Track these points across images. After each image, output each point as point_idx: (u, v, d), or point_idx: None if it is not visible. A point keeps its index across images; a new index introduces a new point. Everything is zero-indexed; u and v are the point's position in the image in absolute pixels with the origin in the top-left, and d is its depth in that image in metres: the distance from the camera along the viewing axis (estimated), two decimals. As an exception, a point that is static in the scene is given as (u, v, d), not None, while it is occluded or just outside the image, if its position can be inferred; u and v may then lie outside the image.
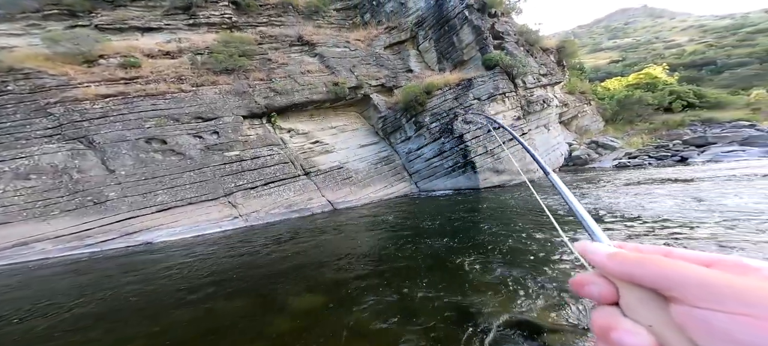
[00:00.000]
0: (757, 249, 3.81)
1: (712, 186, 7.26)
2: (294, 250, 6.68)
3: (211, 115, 11.59)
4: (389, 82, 15.57)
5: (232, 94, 12.27)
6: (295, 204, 11.39)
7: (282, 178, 11.61)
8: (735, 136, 16.28)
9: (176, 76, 12.01)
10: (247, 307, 3.93)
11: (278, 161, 11.81)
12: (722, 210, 5.44)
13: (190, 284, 5.13)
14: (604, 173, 12.57)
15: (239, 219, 10.46)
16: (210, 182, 10.59)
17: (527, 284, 3.50)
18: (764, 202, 5.59)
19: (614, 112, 24.68)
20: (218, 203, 10.47)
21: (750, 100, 27.70)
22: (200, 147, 10.97)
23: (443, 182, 13.40)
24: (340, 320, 3.22)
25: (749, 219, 4.82)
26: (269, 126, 12.61)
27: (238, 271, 5.62)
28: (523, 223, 6.46)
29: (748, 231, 4.37)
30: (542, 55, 17.92)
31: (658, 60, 38.67)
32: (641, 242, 3.41)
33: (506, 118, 13.99)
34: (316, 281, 4.57)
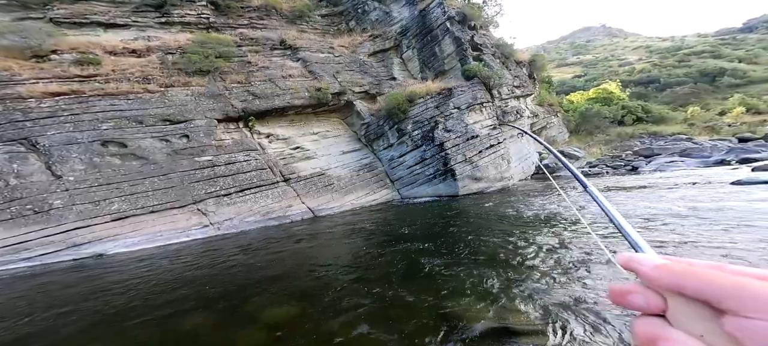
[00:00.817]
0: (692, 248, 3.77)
1: (655, 193, 7.28)
2: (269, 258, 5.79)
3: (181, 117, 10.02)
4: (373, 89, 14.54)
5: (205, 96, 10.74)
6: (273, 211, 10.03)
7: (259, 184, 10.21)
8: (675, 148, 16.80)
9: (142, 75, 10.32)
10: (216, 320, 3.42)
11: (255, 167, 10.40)
12: (664, 215, 5.40)
13: (149, 298, 4.29)
14: (570, 181, 12.41)
15: (210, 227, 8.96)
16: (177, 189, 9.03)
17: (505, 288, 3.33)
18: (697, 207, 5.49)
19: (577, 123, 25.05)
20: (186, 210, 8.92)
21: (687, 116, 29.16)
22: (167, 151, 9.38)
23: (425, 188, 12.50)
24: (316, 330, 2.90)
25: (686, 222, 4.76)
26: (246, 130, 11.16)
27: (206, 281, 4.82)
28: (500, 228, 6.03)
29: (686, 231, 4.36)
30: (516, 68, 17.62)
31: (613, 76, 40.24)
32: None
33: (483, 128, 13.40)
34: (292, 290, 4.04)
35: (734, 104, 29.69)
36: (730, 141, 17.79)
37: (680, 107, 32.91)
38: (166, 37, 12.08)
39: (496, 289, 3.31)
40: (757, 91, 34.11)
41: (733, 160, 11.43)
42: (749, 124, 24.83)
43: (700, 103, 33.77)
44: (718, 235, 4.03)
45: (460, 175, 11.97)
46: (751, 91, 33.86)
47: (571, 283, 3.27)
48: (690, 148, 15.86)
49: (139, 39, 11.72)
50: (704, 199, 5.84)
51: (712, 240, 3.89)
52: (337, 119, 13.78)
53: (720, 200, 5.45)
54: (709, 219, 4.61)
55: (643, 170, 12.78)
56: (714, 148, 15.09)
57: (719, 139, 19.08)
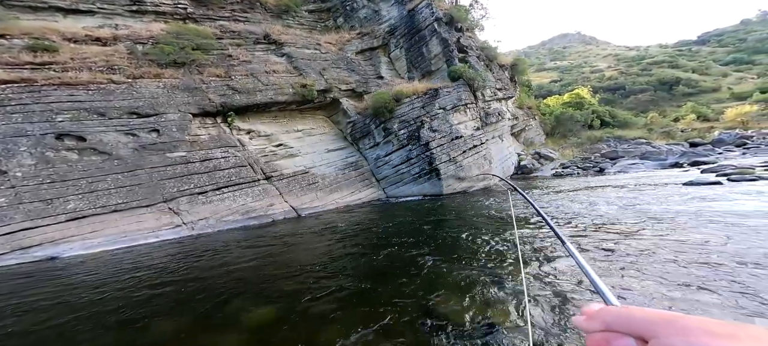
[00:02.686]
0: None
1: (617, 192, 7.23)
2: (249, 259, 5.15)
3: (151, 110, 8.74)
4: (359, 87, 13.59)
5: (180, 89, 9.47)
6: (254, 210, 8.98)
7: (238, 182, 9.12)
8: (636, 151, 17.14)
9: (107, 65, 8.92)
10: (188, 326, 3.01)
11: (234, 164, 9.29)
12: (624, 211, 5.45)
13: (110, 304, 3.68)
14: (545, 180, 12.36)
15: (183, 227, 7.85)
16: (145, 186, 7.82)
17: (487, 284, 3.19)
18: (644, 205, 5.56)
19: (552, 126, 24.96)
20: (155, 209, 7.74)
21: (647, 122, 29.89)
22: (133, 146, 8.13)
23: (410, 188, 11.76)
24: (297, 333, 2.61)
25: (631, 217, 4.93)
26: (225, 126, 9.97)
27: (176, 285, 4.18)
28: (482, 227, 5.72)
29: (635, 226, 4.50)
30: (499, 71, 17.11)
31: (585, 82, 40.76)
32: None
33: (467, 128, 12.81)
34: (272, 292, 3.65)
35: (687, 112, 30.69)
36: (683, 145, 17.96)
37: (641, 113, 33.71)
38: (136, 27, 10.63)
39: (479, 286, 3.14)
40: (706, 99, 35.47)
41: (685, 163, 11.57)
42: (699, 130, 25.61)
43: (658, 109, 34.74)
44: (677, 230, 4.12)
45: (444, 174, 11.33)
46: (701, 100, 35.17)
47: (546, 278, 3.15)
48: (649, 151, 16.07)
49: (105, 27, 10.23)
50: (657, 198, 5.92)
51: (668, 234, 4.01)
52: (322, 117, 12.75)
53: (667, 198, 5.63)
54: (667, 216, 4.72)
55: (608, 171, 12.79)
56: (669, 152, 15.31)
57: (674, 144, 19.41)
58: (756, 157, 10.83)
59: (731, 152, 13.26)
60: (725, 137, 17.76)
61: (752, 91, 33.40)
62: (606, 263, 3.39)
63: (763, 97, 30.15)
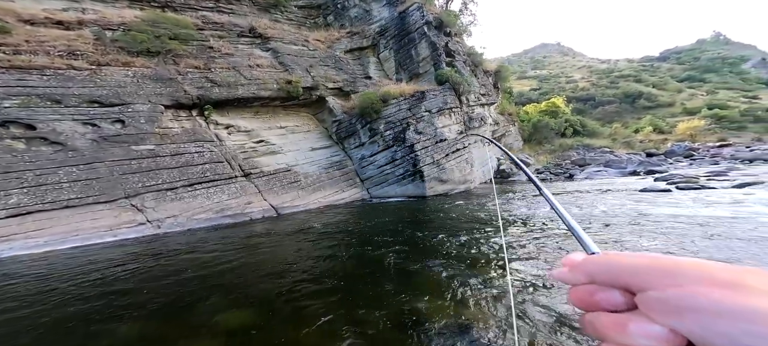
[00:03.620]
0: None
1: (581, 196, 7.28)
2: (222, 259, 4.55)
3: (116, 100, 7.53)
4: (347, 86, 12.65)
5: (151, 79, 8.26)
6: (230, 208, 7.98)
7: (213, 179, 8.08)
8: (601, 159, 17.32)
9: (68, 50, 7.62)
10: (154, 331, 2.53)
11: (209, 160, 8.23)
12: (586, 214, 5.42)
13: (54, 311, 3.05)
14: (521, 185, 12.26)
15: (148, 226, 6.77)
16: (103, 181, 6.68)
17: (465, 285, 2.91)
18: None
19: (530, 133, 24.82)
20: (115, 206, 6.62)
21: (611, 132, 30.42)
22: (92, 137, 6.94)
23: (394, 189, 11.03)
24: (273, 337, 2.28)
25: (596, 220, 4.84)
26: (201, 120, 8.84)
27: (138, 287, 3.61)
28: (463, 228, 5.40)
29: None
30: (484, 77, 16.58)
31: (561, 92, 41.11)
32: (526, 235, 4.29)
33: (451, 132, 12.21)
34: (248, 294, 3.24)
35: (645, 124, 31.50)
36: (640, 155, 18.17)
37: (607, 123, 34.33)
38: (107, 12, 9.26)
39: (457, 287, 2.92)
40: (662, 113, 36.51)
41: (641, 171, 11.69)
42: (655, 142, 26.29)
43: (621, 121, 35.53)
44: (627, 231, 4.09)
45: (427, 176, 10.67)
46: (658, 113, 36.18)
47: (526, 280, 2.99)
48: (612, 160, 16.30)
49: (69, 10, 8.83)
50: (617, 203, 5.99)
51: (621, 236, 3.99)
52: (307, 115, 11.75)
53: (623, 204, 5.66)
54: (620, 218, 4.75)
55: (577, 177, 12.84)
56: (629, 160, 15.53)
57: (633, 153, 19.60)
58: (700, 167, 11.11)
59: (680, 163, 13.65)
60: (676, 149, 18.24)
61: (701, 107, 34.75)
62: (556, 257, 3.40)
63: (710, 113, 31.41)
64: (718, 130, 27.85)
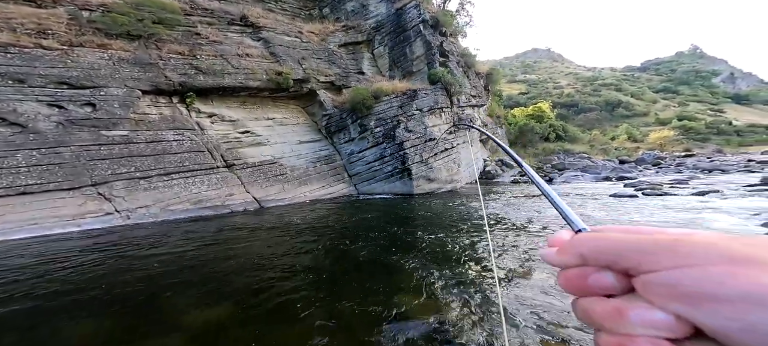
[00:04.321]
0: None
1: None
2: (195, 253, 4.10)
3: (87, 82, 6.67)
4: (339, 80, 11.91)
5: (129, 63, 7.38)
6: (209, 200, 7.30)
7: (192, 168, 7.35)
8: (579, 164, 17.28)
9: (38, 28, 6.70)
10: (118, 328, 2.19)
11: (189, 149, 7.48)
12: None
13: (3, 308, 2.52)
14: (504, 186, 12.09)
15: (116, 216, 6.05)
16: (68, 166, 5.90)
17: (448, 286, 2.66)
18: None
19: (516, 136, 24.50)
20: (79, 194, 5.85)
21: (590, 138, 30.44)
22: (58, 119, 6.12)
23: (382, 186, 10.49)
24: (249, 334, 2.02)
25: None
26: (182, 107, 8.03)
27: (98, 281, 3.11)
28: (448, 227, 5.08)
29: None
30: (475, 78, 16.01)
31: (547, 97, 40.74)
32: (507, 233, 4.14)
33: (440, 131, 11.71)
34: (223, 290, 2.83)
35: (622, 132, 31.70)
36: (614, 162, 18.14)
37: (588, 130, 34.41)
38: (85, -14, 8.25)
39: (440, 287, 2.72)
40: (637, 122, 36.84)
41: (613, 177, 11.71)
42: (628, 150, 26.53)
43: (600, 128, 35.66)
44: None
45: (415, 174, 10.16)
46: (634, 122, 36.43)
47: (510, 275, 2.86)
48: (588, 165, 16.27)
49: (42, -19, 7.79)
50: (588, 206, 5.97)
51: None
52: (297, 107, 11.00)
53: (594, 208, 5.61)
54: (593, 220, 4.69)
55: (556, 181, 12.79)
56: (603, 166, 15.52)
57: (608, 160, 19.52)
58: (666, 175, 11.21)
59: (649, 170, 13.81)
60: (646, 157, 18.41)
61: (672, 118, 35.19)
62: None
63: (679, 125, 31.83)
64: (684, 140, 28.39)
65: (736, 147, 25.83)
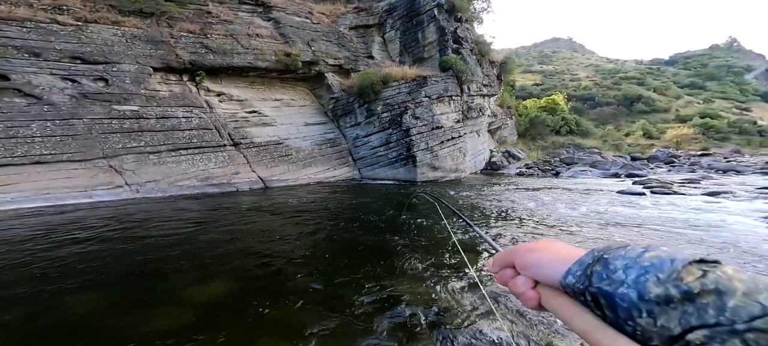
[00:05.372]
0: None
1: (559, 195, 6.56)
2: (201, 230, 3.81)
3: (101, 58, 6.29)
4: (348, 64, 10.94)
5: (141, 40, 6.90)
6: (215, 177, 6.96)
7: (200, 145, 6.99)
8: (589, 159, 15.71)
9: (53, 4, 6.29)
10: (123, 299, 2.06)
11: (197, 126, 7.08)
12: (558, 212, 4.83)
13: (8, 273, 2.37)
14: (508, 178, 11.23)
15: (126, 189, 5.85)
16: (80, 138, 5.67)
17: (447, 273, 2.44)
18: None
19: (526, 128, 22.47)
20: (91, 166, 5.66)
21: (604, 134, 27.41)
22: (72, 93, 5.82)
23: (385, 171, 9.76)
24: (248, 312, 1.86)
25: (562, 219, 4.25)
26: (191, 85, 7.56)
27: (105, 254, 2.88)
28: (453, 217, 4.30)
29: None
30: (488, 67, 14.33)
31: (563, 89, 36.73)
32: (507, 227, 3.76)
33: (448, 120, 10.56)
34: (226, 267, 2.58)
35: (637, 128, 28.32)
36: (625, 158, 16.67)
37: (602, 125, 31.02)
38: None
39: (437, 274, 2.40)
40: (655, 119, 32.63)
41: (622, 174, 10.78)
42: (642, 146, 23.77)
43: (616, 124, 32.00)
44: (591, 227, 3.72)
45: (420, 162, 9.31)
46: (652, 119, 32.28)
47: None
48: (598, 161, 15.14)
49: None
50: (592, 201, 5.55)
51: (586, 229, 3.63)
52: (304, 89, 10.26)
53: (598, 203, 5.23)
54: (594, 216, 4.38)
55: (563, 175, 11.78)
56: (613, 163, 14.34)
57: (619, 156, 17.77)
58: (678, 174, 10.26)
59: (660, 168, 12.70)
60: (659, 155, 16.83)
61: (693, 115, 30.82)
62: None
63: (701, 122, 27.82)
64: (703, 139, 24.99)
65: (756, 148, 22.29)
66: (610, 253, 0.26)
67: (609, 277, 0.24)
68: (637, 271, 0.23)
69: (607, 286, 0.24)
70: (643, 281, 0.22)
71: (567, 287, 0.28)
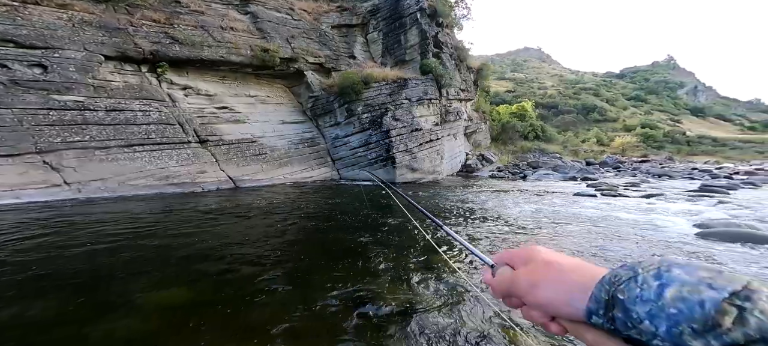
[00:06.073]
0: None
1: (526, 197, 6.68)
2: (158, 233, 3.22)
3: (39, 42, 5.19)
4: (329, 63, 10.30)
5: (93, 26, 5.83)
6: (177, 176, 6.09)
7: (159, 141, 6.08)
8: (551, 163, 16.48)
9: None
10: (68, 309, 1.69)
11: (157, 121, 6.16)
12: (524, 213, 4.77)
13: None
14: (483, 180, 11.31)
15: (65, 188, 4.89)
16: (7, 130, 4.56)
17: (417, 272, 2.25)
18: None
19: (498, 133, 22.94)
20: (21, 161, 4.64)
21: (564, 139, 28.89)
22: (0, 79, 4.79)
23: (365, 172, 9.38)
24: (212, 317, 1.62)
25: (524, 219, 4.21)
26: (151, 77, 6.57)
27: (41, 261, 2.30)
28: (424, 218, 3.64)
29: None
30: (466, 73, 14.31)
31: (532, 97, 38.19)
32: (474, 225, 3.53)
33: (427, 122, 10.34)
34: (187, 272, 2.25)
35: (592, 136, 30.19)
36: (581, 163, 17.70)
37: (563, 132, 32.66)
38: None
39: (409, 273, 2.22)
40: (606, 127, 34.95)
41: (578, 177, 11.45)
42: (595, 152, 25.31)
43: (574, 130, 33.87)
44: (551, 225, 3.74)
45: (399, 163, 8.97)
46: (604, 127, 34.55)
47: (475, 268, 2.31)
48: (559, 165, 15.93)
49: None
50: (553, 202, 5.71)
51: (546, 227, 3.64)
52: (282, 86, 9.48)
53: (560, 204, 5.36)
54: (552, 216, 4.43)
55: (529, 178, 12.29)
56: (572, 167, 15.22)
57: (577, 161, 18.92)
58: (623, 178, 11.04)
59: (609, 172, 13.57)
60: (608, 160, 18.08)
61: (636, 125, 33.56)
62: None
63: (642, 132, 30.43)
64: (644, 147, 27.33)
65: (684, 156, 24.83)
66: (622, 291, 0.22)
67: (636, 327, 0.21)
68: (666, 322, 0.19)
69: (638, 335, 0.21)
70: (676, 333, 0.19)
71: (596, 326, 0.23)
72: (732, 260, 2.36)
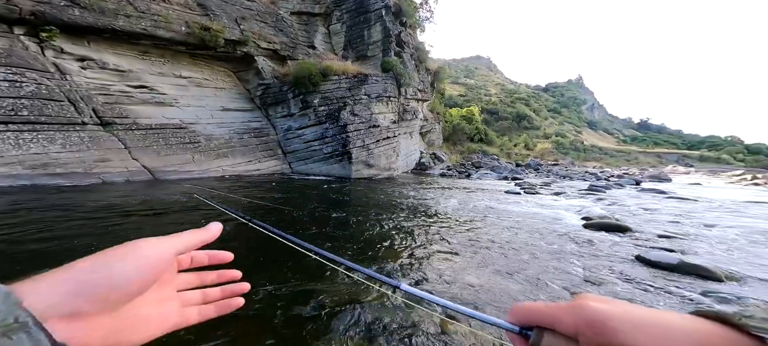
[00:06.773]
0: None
1: (468, 194, 7.01)
2: (24, 238, 2.17)
3: None
4: (285, 50, 9.15)
5: None
6: (62, 164, 4.57)
7: (35, 121, 4.45)
8: (491, 164, 18.11)
9: None
10: None
11: (32, 95, 4.48)
12: (468, 208, 5.01)
13: None
14: (434, 178, 11.70)
15: None
16: None
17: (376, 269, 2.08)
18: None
19: (449, 134, 24.24)
20: None
21: (501, 143, 32.81)
22: None
23: (319, 166, 8.78)
24: None
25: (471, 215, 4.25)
26: (29, 41, 4.74)
27: None
28: (383, 214, 3.97)
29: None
30: (424, 74, 14.64)
31: (478, 102, 41.70)
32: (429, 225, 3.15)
33: (385, 120, 10.27)
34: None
35: (521, 141, 35.10)
36: (512, 165, 19.86)
37: (501, 136, 36.87)
38: None
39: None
40: (533, 134, 40.80)
41: (509, 177, 12.72)
42: (523, 156, 29.47)
43: (509, 135, 38.70)
44: (483, 220, 3.81)
45: (355, 159, 8.67)
46: (530, 134, 40.42)
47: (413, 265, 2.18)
48: (496, 166, 17.48)
49: None
50: (486, 198, 6.06)
51: (480, 221, 3.69)
52: (225, 70, 8.08)
53: (493, 201, 5.74)
54: (487, 210, 4.67)
55: (473, 176, 13.24)
56: (505, 168, 16.97)
57: (509, 162, 21.12)
58: (540, 178, 12.87)
59: (531, 173, 15.59)
60: (532, 163, 20.41)
61: (552, 134, 40.49)
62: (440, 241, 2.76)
63: (555, 140, 37.00)
64: (556, 153, 33.02)
65: (582, 161, 31.14)
66: None
67: None
68: None
69: None
70: None
71: None
72: (604, 245, 2.74)
